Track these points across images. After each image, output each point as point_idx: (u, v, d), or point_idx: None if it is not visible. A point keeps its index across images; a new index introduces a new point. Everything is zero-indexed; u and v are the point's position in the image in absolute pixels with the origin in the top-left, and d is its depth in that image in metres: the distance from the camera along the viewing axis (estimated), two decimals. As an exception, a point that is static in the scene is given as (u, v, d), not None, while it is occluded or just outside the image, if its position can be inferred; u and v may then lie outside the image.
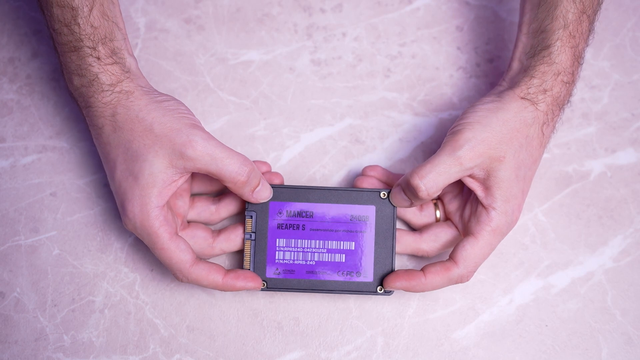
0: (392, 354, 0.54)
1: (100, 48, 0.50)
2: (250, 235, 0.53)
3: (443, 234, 0.54)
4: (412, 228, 0.57)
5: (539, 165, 0.53)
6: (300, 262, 0.52)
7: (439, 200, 0.56)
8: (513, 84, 0.52)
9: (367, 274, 0.52)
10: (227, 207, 0.55)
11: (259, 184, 0.51)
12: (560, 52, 0.51)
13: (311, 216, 0.52)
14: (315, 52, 0.62)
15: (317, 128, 0.60)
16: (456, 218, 0.54)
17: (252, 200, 0.52)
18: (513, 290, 0.55)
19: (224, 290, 0.51)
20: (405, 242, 0.54)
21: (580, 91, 0.61)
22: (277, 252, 0.52)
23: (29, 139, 0.59)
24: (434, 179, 0.49)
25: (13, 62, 0.61)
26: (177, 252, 0.49)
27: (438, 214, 0.55)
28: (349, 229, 0.52)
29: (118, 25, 0.52)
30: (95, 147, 0.58)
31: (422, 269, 0.51)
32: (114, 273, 0.55)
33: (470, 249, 0.50)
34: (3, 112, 0.60)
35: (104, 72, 0.50)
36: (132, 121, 0.49)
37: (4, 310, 0.54)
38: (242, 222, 0.54)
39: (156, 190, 0.48)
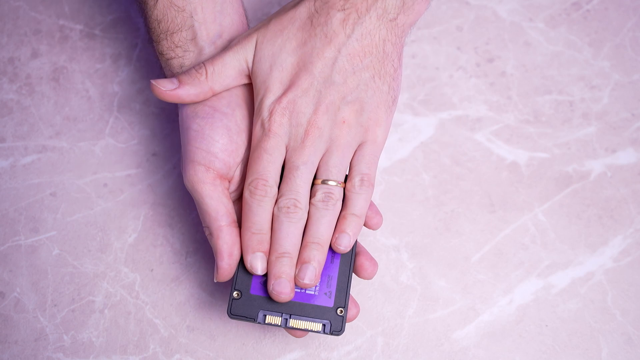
0: (392, 354, 0.54)
1: (163, 42, 0.48)
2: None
3: None
4: None
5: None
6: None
7: None
8: None
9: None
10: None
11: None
12: None
13: None
14: (315, 52, 0.62)
15: (317, 128, 0.60)
16: None
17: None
18: (513, 290, 0.55)
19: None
20: None
21: (580, 91, 0.61)
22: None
23: (29, 139, 0.59)
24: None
25: (13, 62, 0.61)
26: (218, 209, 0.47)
27: None
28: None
29: (194, 9, 0.47)
30: (95, 147, 0.59)
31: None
32: (114, 273, 0.55)
33: None
34: (3, 112, 0.60)
35: (166, 68, 0.50)
36: (181, 121, 0.49)
37: (4, 310, 0.54)
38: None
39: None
